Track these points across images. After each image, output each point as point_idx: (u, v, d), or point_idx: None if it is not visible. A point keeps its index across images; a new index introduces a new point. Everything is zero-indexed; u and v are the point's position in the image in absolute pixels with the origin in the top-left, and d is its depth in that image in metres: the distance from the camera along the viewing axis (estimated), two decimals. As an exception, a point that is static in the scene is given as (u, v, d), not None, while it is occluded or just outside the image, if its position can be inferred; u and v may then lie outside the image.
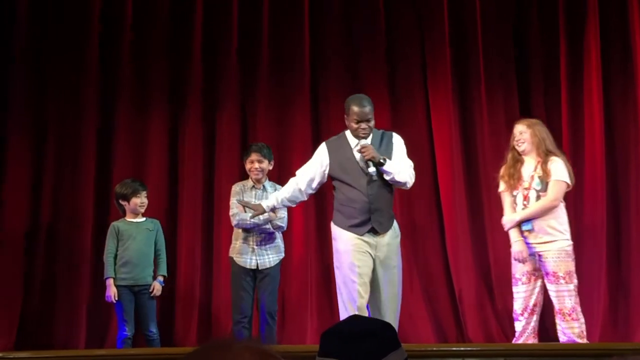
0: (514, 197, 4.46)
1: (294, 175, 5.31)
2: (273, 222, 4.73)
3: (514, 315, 4.42)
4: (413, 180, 4.31)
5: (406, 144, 4.40)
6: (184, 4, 5.96)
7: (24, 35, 5.82)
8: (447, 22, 5.80)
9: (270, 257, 4.76)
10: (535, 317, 4.35)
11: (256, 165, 4.77)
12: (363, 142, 4.14)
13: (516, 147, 4.51)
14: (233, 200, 4.76)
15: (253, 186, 4.82)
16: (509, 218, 4.47)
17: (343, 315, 4.09)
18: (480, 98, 5.75)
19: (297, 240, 5.60)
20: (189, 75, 5.87)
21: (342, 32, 5.92)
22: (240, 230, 4.76)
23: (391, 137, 4.32)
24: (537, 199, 4.36)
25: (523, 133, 4.48)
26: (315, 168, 4.30)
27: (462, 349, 3.94)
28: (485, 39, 5.79)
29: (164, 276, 4.99)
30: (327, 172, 4.27)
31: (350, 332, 1.57)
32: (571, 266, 4.30)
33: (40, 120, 5.79)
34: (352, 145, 4.23)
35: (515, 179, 4.46)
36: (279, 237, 4.88)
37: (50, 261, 5.61)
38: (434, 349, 3.95)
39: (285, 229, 4.90)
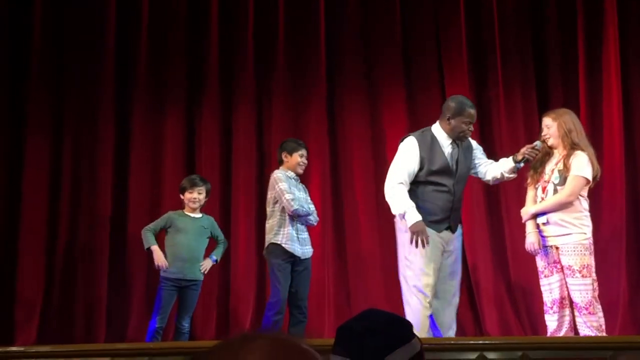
0: (536, 189, 4.45)
1: (309, 171, 5.31)
2: (313, 214, 4.81)
3: (544, 309, 4.41)
4: None
5: None
6: (201, 3, 5.99)
7: (40, 35, 5.87)
8: (464, 20, 5.80)
9: (308, 248, 4.81)
10: (567, 310, 4.29)
11: (305, 160, 4.86)
12: (538, 142, 4.34)
13: (545, 141, 4.49)
14: (285, 186, 4.71)
15: (294, 177, 4.83)
16: (525, 210, 4.47)
17: (413, 310, 4.12)
18: (498, 95, 5.74)
19: (314, 233, 5.62)
20: (205, 74, 5.92)
21: (358, 29, 5.94)
22: (286, 217, 4.71)
23: (468, 140, 4.43)
24: (554, 192, 4.33)
25: (550, 127, 4.44)
26: (412, 162, 4.23)
27: (480, 342, 3.92)
28: (502, 35, 5.78)
29: (217, 260, 5.05)
30: (417, 166, 4.23)
31: (360, 328, 1.57)
32: (588, 260, 4.25)
33: (57, 119, 5.85)
34: (444, 143, 4.26)
35: (539, 172, 4.44)
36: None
37: (70, 257, 5.67)
38: (452, 342, 3.94)
39: (315, 224, 4.92)
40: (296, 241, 4.72)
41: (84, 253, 5.66)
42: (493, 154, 5.67)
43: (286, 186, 4.70)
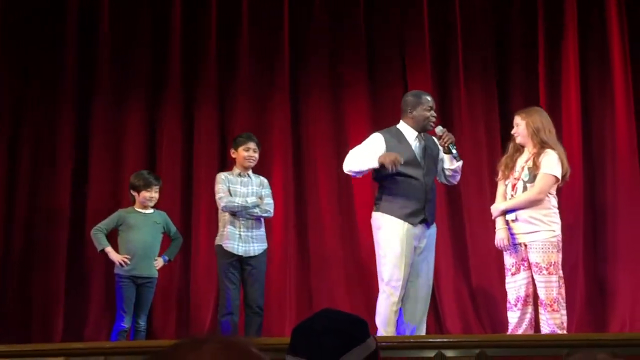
0: (506, 186, 4.50)
1: (272, 169, 5.31)
2: (261, 207, 4.76)
3: (507, 306, 4.45)
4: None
5: None
6: (164, 1, 5.93)
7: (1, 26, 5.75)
8: (427, 18, 5.84)
9: (255, 245, 4.77)
10: (530, 309, 4.34)
11: (252, 153, 4.83)
12: (440, 128, 4.34)
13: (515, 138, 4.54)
14: (219, 187, 4.76)
15: (239, 173, 4.83)
16: (495, 207, 4.51)
17: (382, 304, 4.22)
18: (459, 92, 5.80)
19: (277, 231, 5.61)
20: (167, 70, 5.87)
21: (322, 28, 5.92)
22: (227, 217, 4.75)
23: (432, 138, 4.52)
24: (523, 190, 4.37)
25: (519, 125, 4.49)
26: (374, 151, 4.29)
27: (438, 340, 3.95)
28: (464, 33, 5.83)
29: (169, 259, 5.02)
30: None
31: (314, 328, 1.58)
32: (555, 257, 4.29)
33: (15, 113, 5.74)
34: (410, 137, 4.35)
35: (509, 169, 4.48)
36: (263, 226, 4.88)
37: (27, 255, 5.57)
38: (411, 340, 3.96)
39: (272, 215, 4.91)
40: (236, 239, 4.71)
41: (41, 252, 5.56)
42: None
43: (220, 187, 4.76)
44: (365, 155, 4.25)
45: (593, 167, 5.64)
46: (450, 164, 4.44)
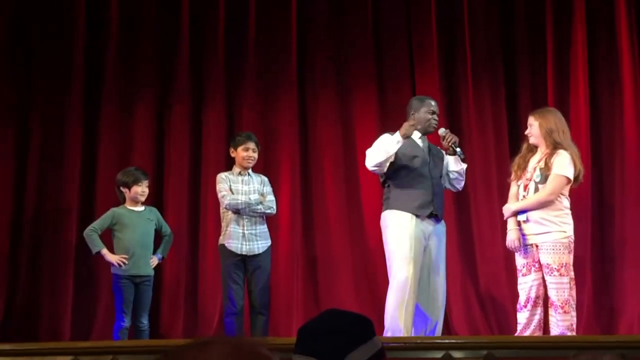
0: (519, 187, 4.49)
1: (279, 168, 5.33)
2: (264, 204, 4.76)
3: (517, 307, 4.44)
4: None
5: None
6: (171, 1, 5.94)
7: (7, 27, 5.77)
8: (435, 19, 5.82)
9: (259, 243, 4.76)
10: (539, 310, 4.32)
11: (251, 153, 4.84)
12: (443, 129, 4.48)
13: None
14: (221, 186, 4.77)
15: (239, 172, 4.84)
16: (507, 207, 4.49)
17: (391, 302, 4.26)
18: (467, 90, 5.78)
19: (283, 230, 5.61)
20: (175, 68, 5.86)
21: (329, 28, 5.92)
22: (230, 216, 4.75)
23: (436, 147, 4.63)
24: (535, 190, 4.35)
25: (532, 126, 4.47)
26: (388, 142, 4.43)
27: (446, 341, 3.95)
28: (472, 34, 5.81)
29: (163, 257, 5.01)
30: (391, 160, 4.42)
31: (320, 328, 1.59)
32: (567, 259, 4.26)
33: (24, 113, 5.75)
34: (415, 136, 4.48)
35: (521, 169, 4.47)
36: (266, 223, 4.88)
37: (35, 253, 5.58)
38: (418, 341, 3.96)
39: (275, 212, 4.92)
40: (239, 238, 4.71)
41: (50, 250, 5.57)
42: (462, 152, 5.72)
43: (221, 186, 4.76)
44: (384, 143, 4.38)
45: (601, 166, 5.62)
46: (455, 165, 4.48)
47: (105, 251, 4.80)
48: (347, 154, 5.78)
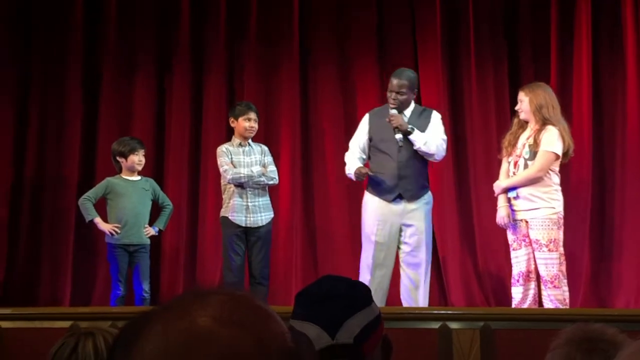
0: (509, 163, 4.49)
1: (280, 139, 5.31)
2: (266, 175, 4.76)
3: (512, 281, 4.47)
4: (443, 154, 4.58)
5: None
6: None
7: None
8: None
9: (262, 215, 4.77)
10: (532, 284, 4.36)
11: (252, 123, 4.82)
12: (392, 111, 4.44)
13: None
14: (222, 160, 4.76)
15: (240, 144, 4.83)
16: (497, 184, 4.50)
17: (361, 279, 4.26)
18: (469, 68, 5.75)
19: (284, 201, 5.62)
20: (175, 38, 5.84)
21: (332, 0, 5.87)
22: (232, 189, 4.75)
23: (430, 113, 4.63)
24: (525, 167, 4.36)
25: (522, 101, 4.46)
26: (360, 137, 4.63)
27: (442, 312, 3.98)
28: (475, 10, 5.76)
29: (160, 230, 5.00)
30: (366, 136, 4.54)
31: (318, 293, 1.58)
32: (556, 234, 4.30)
33: (24, 79, 5.74)
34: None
35: (512, 146, 4.47)
36: (268, 193, 4.89)
37: (35, 221, 5.60)
38: (416, 312, 3.99)
39: (277, 182, 4.93)
40: (243, 211, 4.71)
41: (50, 218, 5.59)
42: (464, 128, 5.72)
43: (222, 159, 4.75)
44: (348, 162, 4.57)
45: (602, 148, 5.60)
46: (415, 144, 4.46)
47: (98, 220, 4.80)
48: (347, 125, 5.75)
